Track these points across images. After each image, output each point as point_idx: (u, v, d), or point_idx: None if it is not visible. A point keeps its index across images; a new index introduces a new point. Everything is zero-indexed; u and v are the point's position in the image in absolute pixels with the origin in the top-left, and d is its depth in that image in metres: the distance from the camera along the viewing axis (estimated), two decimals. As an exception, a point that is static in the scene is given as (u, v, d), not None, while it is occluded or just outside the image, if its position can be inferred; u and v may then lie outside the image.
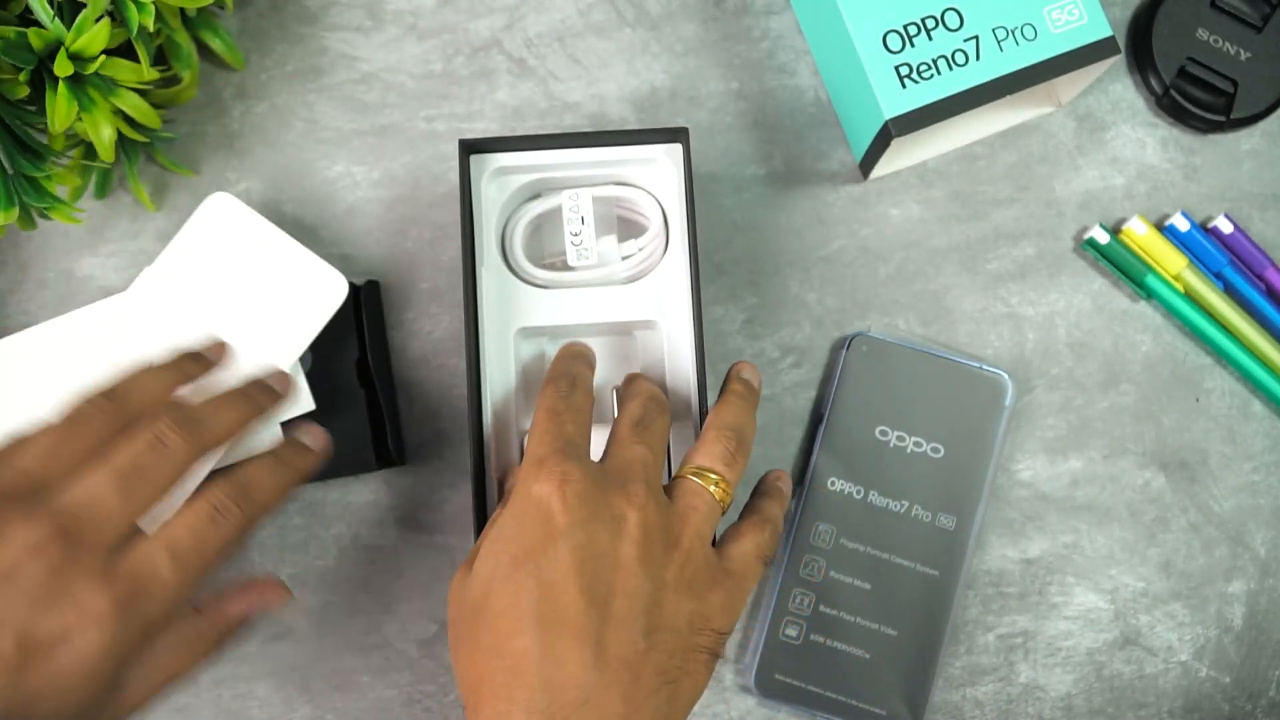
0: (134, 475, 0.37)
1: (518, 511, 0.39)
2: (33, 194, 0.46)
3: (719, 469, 0.42)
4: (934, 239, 0.55)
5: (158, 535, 0.37)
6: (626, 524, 0.39)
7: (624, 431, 0.42)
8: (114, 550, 0.36)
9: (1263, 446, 0.54)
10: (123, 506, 0.37)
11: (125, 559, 0.36)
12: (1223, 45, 0.54)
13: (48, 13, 0.44)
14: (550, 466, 0.39)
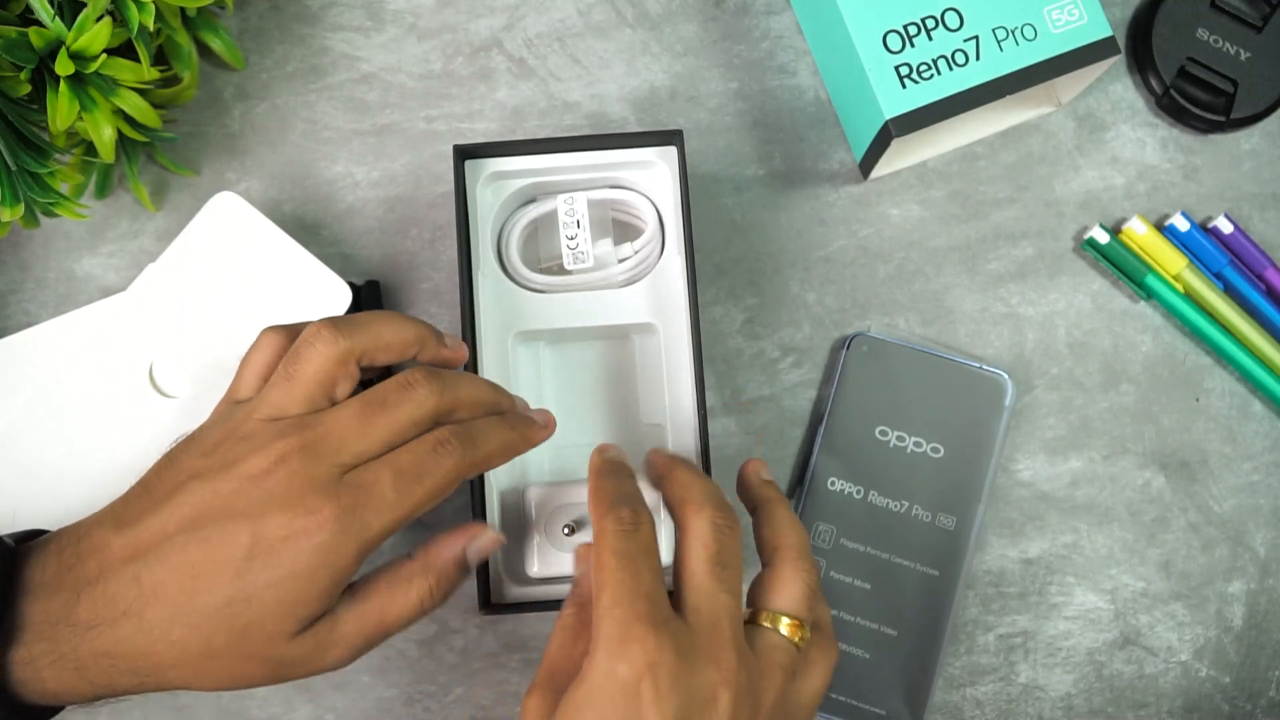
0: (411, 471, 0.38)
1: (602, 697, 0.35)
2: (37, 190, 0.46)
3: (802, 614, 0.39)
4: (934, 239, 0.55)
5: (384, 458, 0.38)
6: (718, 705, 0.36)
7: (703, 571, 0.38)
8: (347, 468, 0.37)
9: (1263, 446, 0.54)
10: (368, 445, 0.38)
11: (353, 474, 0.37)
12: (1223, 45, 0.54)
13: (48, 12, 0.44)
14: (637, 643, 0.35)
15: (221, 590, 0.36)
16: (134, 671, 0.37)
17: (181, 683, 0.37)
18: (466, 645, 0.52)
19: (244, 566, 0.36)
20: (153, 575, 0.36)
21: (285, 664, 0.37)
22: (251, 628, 0.36)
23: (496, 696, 0.52)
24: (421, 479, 0.38)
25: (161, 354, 0.49)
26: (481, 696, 0.52)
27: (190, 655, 0.36)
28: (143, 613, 0.36)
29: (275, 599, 0.36)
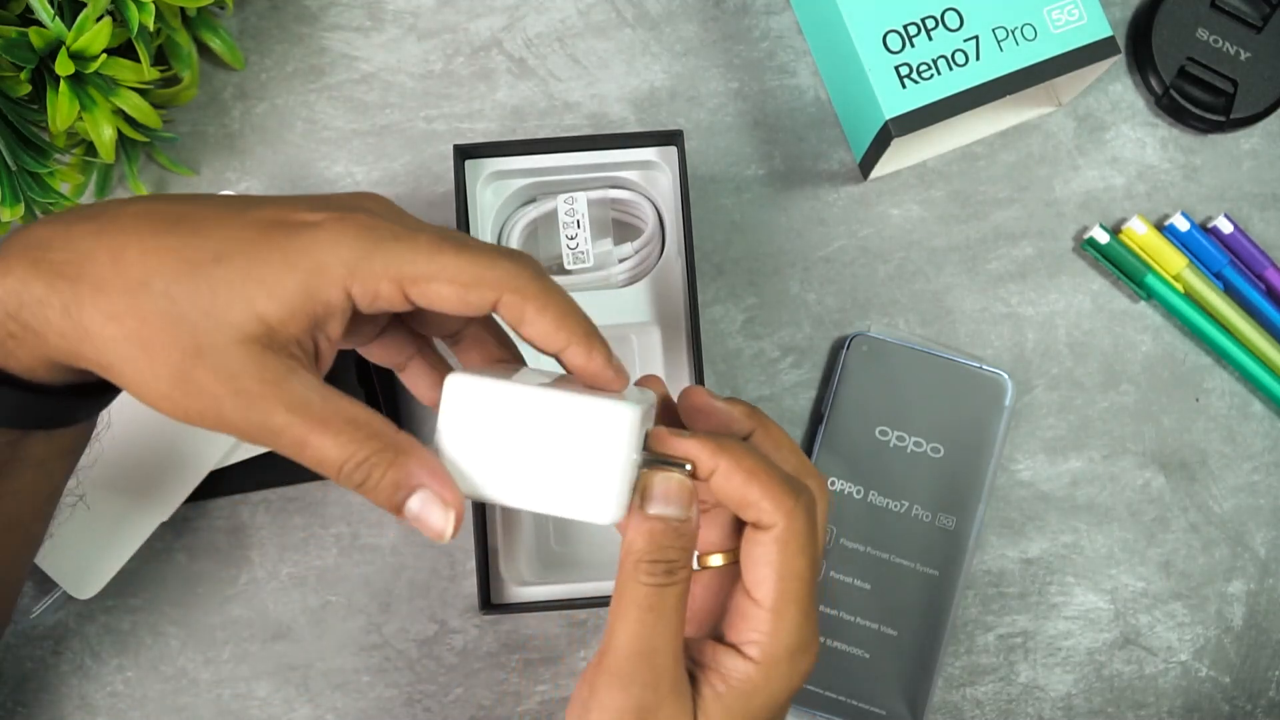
0: None
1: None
2: (37, 190, 0.46)
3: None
4: (934, 239, 0.55)
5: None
6: None
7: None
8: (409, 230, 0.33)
9: (1263, 446, 0.54)
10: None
11: (407, 222, 0.34)
12: (1223, 45, 0.54)
13: (48, 12, 0.44)
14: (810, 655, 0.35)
15: (201, 230, 0.32)
16: (60, 276, 0.31)
17: (98, 327, 0.31)
18: (466, 645, 0.52)
19: (234, 219, 0.32)
20: (152, 203, 0.33)
21: (204, 356, 0.31)
22: (202, 287, 0.31)
23: (496, 696, 0.52)
24: (462, 250, 0.33)
25: None
26: (481, 696, 0.52)
27: (124, 281, 0.31)
28: (115, 217, 0.32)
29: (244, 269, 0.31)
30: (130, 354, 0.31)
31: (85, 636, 0.52)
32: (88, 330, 0.31)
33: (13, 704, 0.51)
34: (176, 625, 0.52)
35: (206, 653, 0.52)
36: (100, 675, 0.52)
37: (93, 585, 0.49)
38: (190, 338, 0.31)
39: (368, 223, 0.33)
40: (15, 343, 0.33)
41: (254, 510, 0.52)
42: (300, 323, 0.32)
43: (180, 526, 0.52)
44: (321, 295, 0.32)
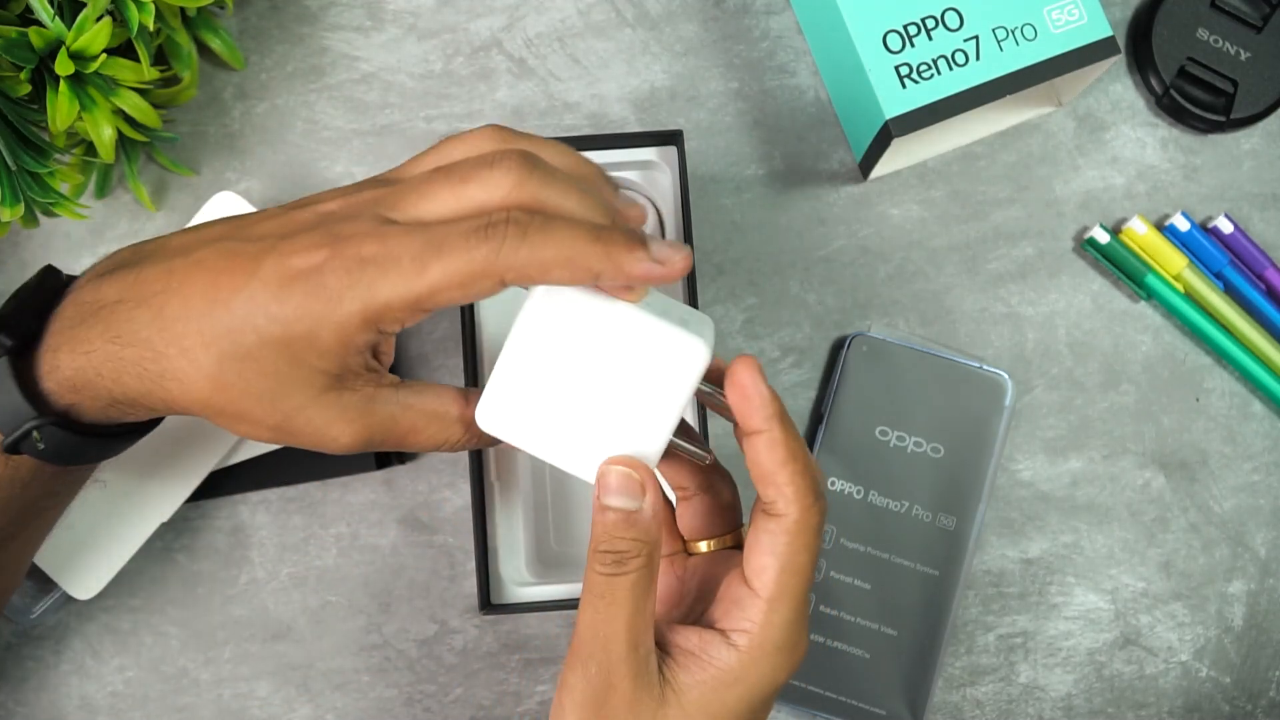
0: (435, 245, 0.34)
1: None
2: (37, 190, 0.46)
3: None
4: (934, 239, 0.55)
5: (419, 226, 0.35)
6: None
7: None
8: (386, 221, 0.35)
9: (1263, 446, 0.54)
10: (425, 208, 0.35)
11: (384, 228, 0.34)
12: (1223, 45, 0.54)
13: (48, 12, 0.44)
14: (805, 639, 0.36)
15: (236, 310, 0.34)
16: (140, 371, 0.35)
17: (185, 403, 0.36)
18: (466, 645, 0.52)
19: (257, 291, 0.34)
20: (185, 271, 0.35)
21: (295, 420, 0.35)
22: (260, 361, 0.34)
23: (496, 696, 0.52)
24: (442, 256, 0.33)
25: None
26: (481, 696, 0.52)
27: (198, 371, 0.35)
28: (164, 306, 0.35)
29: (281, 336, 0.34)
30: (230, 423, 0.36)
31: (86, 636, 0.52)
32: (190, 409, 0.36)
33: (13, 704, 0.51)
34: (177, 625, 0.52)
35: (207, 653, 0.52)
36: (101, 675, 0.52)
37: (93, 585, 0.49)
38: (275, 408, 0.35)
39: (357, 260, 0.34)
40: (118, 411, 0.37)
41: (254, 510, 0.52)
42: (356, 360, 0.35)
43: (180, 526, 0.52)
44: (358, 341, 0.35)
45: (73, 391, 0.36)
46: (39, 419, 0.36)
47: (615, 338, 0.35)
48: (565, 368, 0.35)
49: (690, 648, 0.35)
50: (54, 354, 0.36)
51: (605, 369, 0.35)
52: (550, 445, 0.36)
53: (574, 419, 0.35)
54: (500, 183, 0.34)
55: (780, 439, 0.34)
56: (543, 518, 0.50)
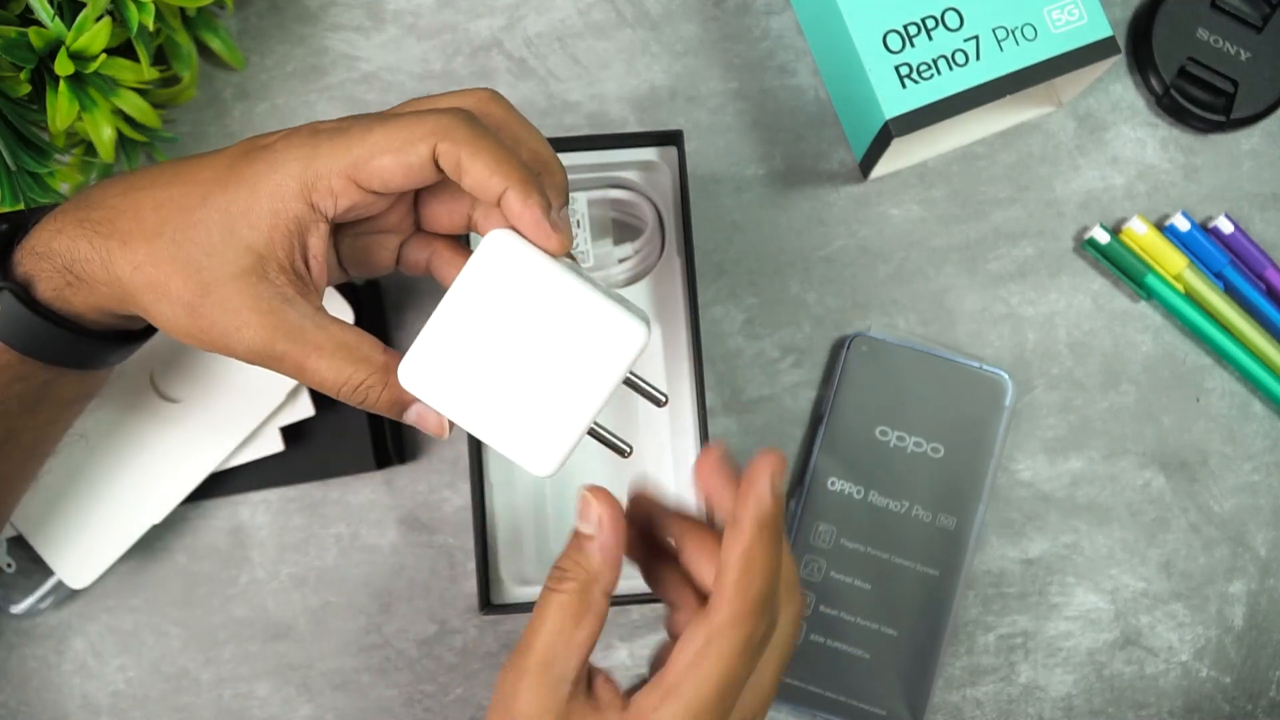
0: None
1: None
2: (37, 190, 0.46)
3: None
4: (934, 239, 0.55)
5: None
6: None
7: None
8: None
9: (1263, 446, 0.54)
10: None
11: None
12: (1223, 45, 0.54)
13: (48, 12, 0.44)
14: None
15: (194, 178, 0.36)
16: (94, 233, 0.36)
17: (118, 265, 0.36)
18: (466, 645, 0.52)
19: (221, 161, 0.36)
20: (162, 167, 0.38)
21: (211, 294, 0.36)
22: (197, 223, 0.36)
23: (496, 696, 0.52)
24: (387, 122, 0.35)
25: (163, 358, 0.49)
26: (481, 696, 0.52)
27: (141, 229, 0.36)
28: (135, 179, 0.37)
29: (222, 197, 0.36)
30: (154, 297, 0.36)
31: (88, 636, 0.52)
32: (120, 280, 0.36)
33: (15, 703, 0.52)
34: (178, 625, 0.52)
35: (208, 652, 0.52)
36: (102, 674, 0.52)
37: (88, 575, 0.49)
38: (197, 278, 0.36)
39: (310, 130, 0.36)
40: (71, 291, 0.38)
41: (254, 510, 0.52)
42: (281, 245, 0.36)
43: (181, 526, 0.52)
44: (287, 212, 0.35)
45: (33, 254, 0.38)
46: (2, 281, 0.37)
47: (555, 309, 0.35)
48: (500, 334, 0.35)
49: (600, 699, 0.35)
50: (29, 233, 0.38)
51: (541, 340, 0.35)
52: (470, 413, 0.35)
53: (500, 389, 0.35)
54: (477, 95, 0.37)
55: (744, 543, 0.33)
56: (543, 518, 0.50)
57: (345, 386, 0.36)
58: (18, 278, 0.38)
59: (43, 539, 0.49)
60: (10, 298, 0.37)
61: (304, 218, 0.36)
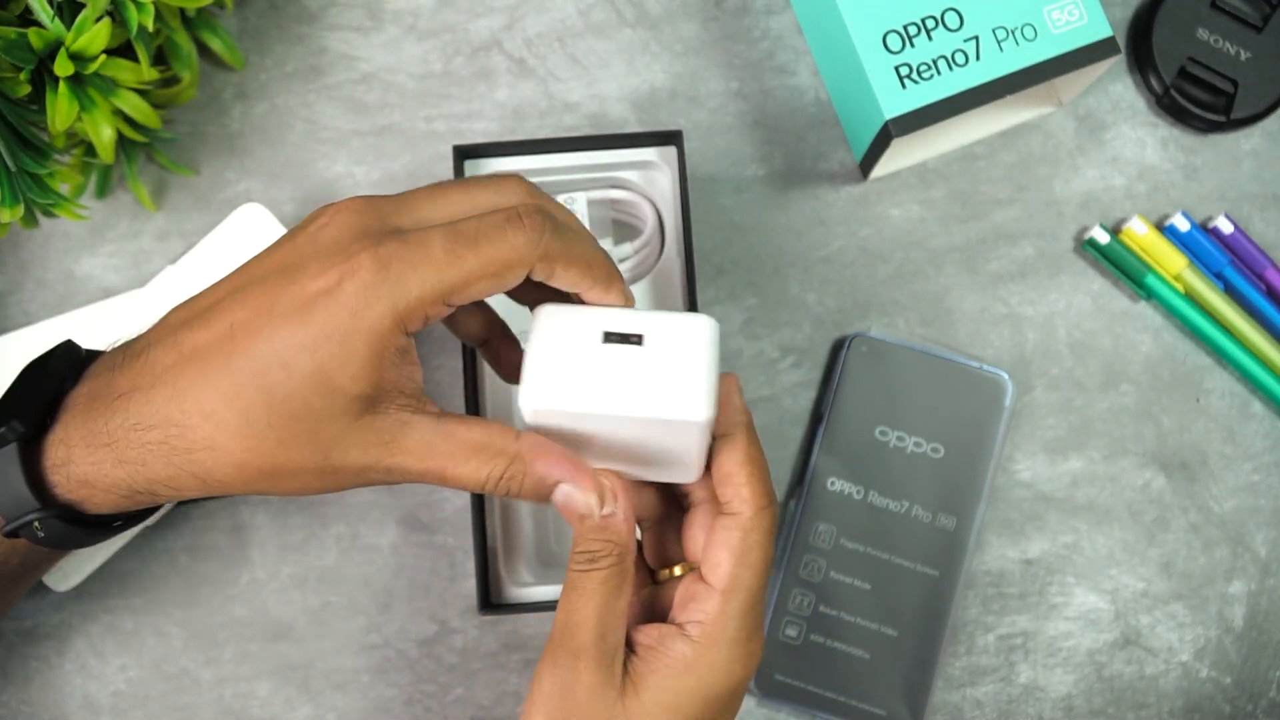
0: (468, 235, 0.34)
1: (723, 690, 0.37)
2: (37, 191, 0.46)
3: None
4: (934, 239, 0.55)
5: (449, 222, 0.35)
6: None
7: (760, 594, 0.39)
8: (402, 228, 0.34)
9: (1263, 446, 0.54)
10: (434, 213, 0.35)
11: (408, 231, 0.34)
12: (1223, 45, 0.54)
13: (48, 12, 0.44)
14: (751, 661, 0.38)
15: (257, 352, 0.33)
16: (167, 450, 0.34)
17: (220, 473, 0.34)
18: (466, 645, 0.52)
19: (278, 325, 0.33)
20: (194, 338, 0.34)
21: (334, 454, 0.34)
22: (291, 400, 0.33)
23: (496, 696, 0.52)
24: (478, 244, 0.34)
25: None
26: (481, 696, 0.52)
27: (226, 433, 0.33)
28: (178, 379, 0.34)
29: (311, 365, 0.33)
30: (271, 482, 0.35)
31: (89, 636, 0.52)
32: (225, 483, 0.35)
33: (16, 703, 0.52)
34: (178, 625, 0.52)
35: (208, 652, 0.52)
36: (103, 674, 0.52)
37: (71, 579, 0.49)
38: (311, 447, 0.34)
39: (377, 264, 0.33)
40: (133, 502, 0.37)
41: (254, 510, 0.52)
42: (388, 378, 0.34)
43: (181, 526, 0.52)
44: (388, 350, 0.34)
45: (83, 486, 0.36)
46: (42, 511, 0.36)
47: (630, 325, 0.36)
48: (590, 348, 0.36)
49: (650, 642, 0.37)
50: (66, 447, 0.36)
51: (627, 351, 0.36)
52: (602, 400, 0.35)
53: (615, 378, 0.36)
54: (516, 189, 0.36)
55: (743, 444, 0.37)
56: (543, 518, 0.50)
57: (489, 483, 0.36)
58: (61, 502, 0.36)
59: None
60: (57, 522, 0.36)
61: (405, 346, 0.34)
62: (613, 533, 0.37)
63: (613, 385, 0.35)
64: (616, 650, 0.36)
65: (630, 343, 0.36)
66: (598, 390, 0.35)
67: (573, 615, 0.36)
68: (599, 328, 0.36)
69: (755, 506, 0.37)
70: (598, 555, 0.37)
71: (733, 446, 0.37)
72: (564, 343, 0.36)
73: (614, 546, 0.37)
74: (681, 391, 0.35)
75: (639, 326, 0.36)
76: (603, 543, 0.37)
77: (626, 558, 0.37)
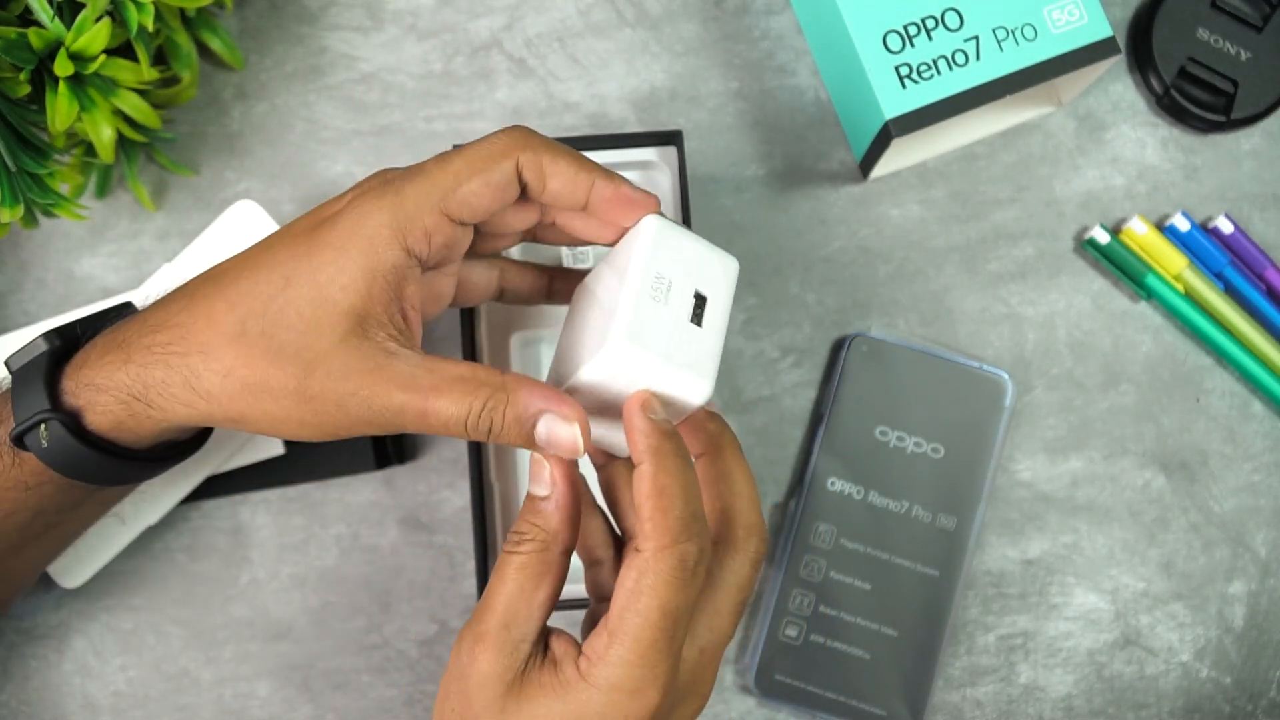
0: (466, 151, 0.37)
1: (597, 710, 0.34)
2: (37, 191, 0.46)
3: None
4: (934, 239, 0.55)
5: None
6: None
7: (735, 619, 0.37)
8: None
9: (1263, 446, 0.54)
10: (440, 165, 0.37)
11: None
12: (1223, 45, 0.54)
13: (48, 13, 0.44)
14: (645, 700, 0.34)
15: (264, 263, 0.35)
16: (168, 354, 0.35)
17: (209, 380, 0.35)
18: (466, 645, 0.52)
19: (288, 242, 0.35)
20: (221, 265, 0.37)
21: (317, 372, 0.34)
22: (286, 309, 0.34)
23: (496, 696, 0.52)
24: (466, 152, 0.35)
25: None
26: (481, 696, 0.52)
27: (222, 337, 0.34)
28: (194, 291, 0.36)
29: (308, 273, 0.34)
30: (253, 400, 0.35)
31: (88, 636, 0.52)
32: (211, 393, 0.35)
33: (16, 703, 0.52)
34: (178, 625, 0.52)
35: (208, 652, 0.52)
36: (103, 674, 0.52)
37: (79, 575, 0.49)
38: (297, 361, 0.34)
39: (381, 183, 0.36)
40: (135, 420, 0.37)
41: (254, 510, 0.52)
42: (380, 298, 0.34)
43: (181, 527, 0.52)
44: (384, 263, 0.34)
45: (89, 387, 0.37)
46: (48, 413, 0.36)
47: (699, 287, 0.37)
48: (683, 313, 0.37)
49: (557, 654, 0.35)
50: (85, 353, 0.38)
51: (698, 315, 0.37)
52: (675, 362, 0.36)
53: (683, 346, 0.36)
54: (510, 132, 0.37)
55: (648, 473, 0.34)
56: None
57: (470, 416, 0.35)
58: (67, 408, 0.37)
59: None
60: (60, 428, 0.36)
61: (401, 265, 0.35)
62: (541, 517, 0.36)
63: (681, 350, 0.36)
64: (520, 644, 0.35)
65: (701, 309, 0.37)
66: (675, 353, 0.36)
67: (487, 596, 0.35)
68: (692, 285, 0.37)
69: (655, 545, 0.33)
70: (523, 538, 0.36)
71: (639, 475, 0.34)
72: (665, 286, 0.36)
73: (540, 532, 0.36)
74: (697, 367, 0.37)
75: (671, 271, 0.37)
76: (529, 525, 0.36)
77: (552, 548, 0.36)
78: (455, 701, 0.35)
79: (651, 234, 0.37)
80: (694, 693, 0.36)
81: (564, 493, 0.36)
